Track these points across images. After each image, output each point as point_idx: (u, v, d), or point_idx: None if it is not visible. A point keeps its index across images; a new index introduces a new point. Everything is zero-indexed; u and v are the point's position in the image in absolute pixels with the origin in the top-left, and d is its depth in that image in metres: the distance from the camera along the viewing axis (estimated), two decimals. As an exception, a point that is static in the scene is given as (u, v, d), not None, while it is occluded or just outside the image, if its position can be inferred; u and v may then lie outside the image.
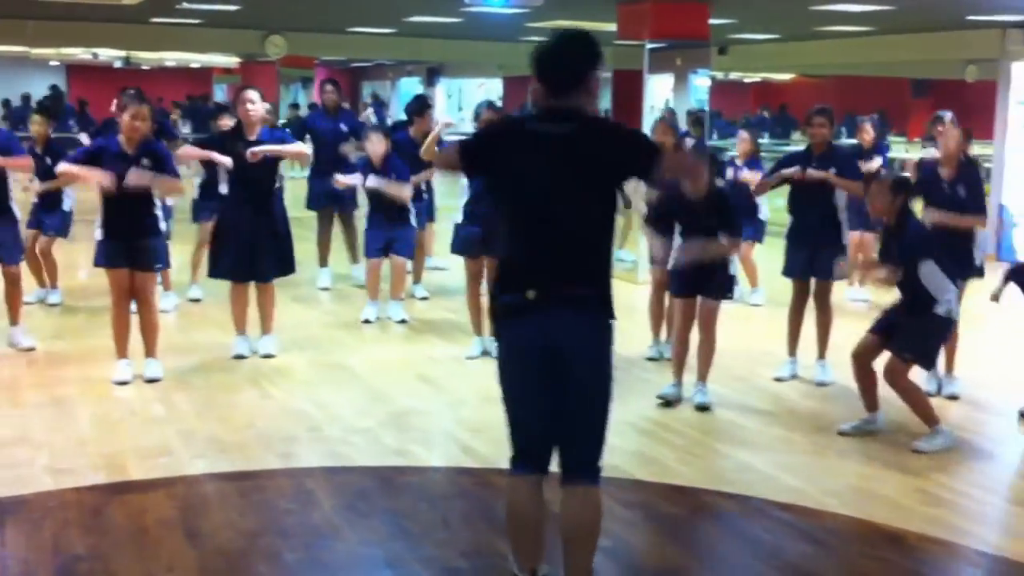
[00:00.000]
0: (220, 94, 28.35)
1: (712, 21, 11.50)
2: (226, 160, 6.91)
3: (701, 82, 11.39)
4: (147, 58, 25.96)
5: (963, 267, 6.25)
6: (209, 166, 7.47)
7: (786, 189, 6.96)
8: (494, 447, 5.58)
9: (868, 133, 9.54)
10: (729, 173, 9.06)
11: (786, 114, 28.55)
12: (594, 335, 3.43)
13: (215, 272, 7.25)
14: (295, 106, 21.11)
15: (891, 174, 6.63)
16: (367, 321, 8.35)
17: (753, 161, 9.25)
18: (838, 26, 14.03)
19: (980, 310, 7.64)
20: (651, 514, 4.85)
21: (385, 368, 7.11)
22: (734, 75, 28.04)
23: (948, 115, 8.94)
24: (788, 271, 6.94)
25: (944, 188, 6.49)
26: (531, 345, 3.41)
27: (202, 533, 4.45)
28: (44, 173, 8.23)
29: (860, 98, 28.06)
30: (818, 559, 4.43)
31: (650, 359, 7.38)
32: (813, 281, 6.85)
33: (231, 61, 23.84)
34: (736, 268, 6.51)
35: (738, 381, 6.94)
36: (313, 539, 4.44)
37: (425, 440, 5.76)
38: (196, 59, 25.91)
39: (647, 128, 9.63)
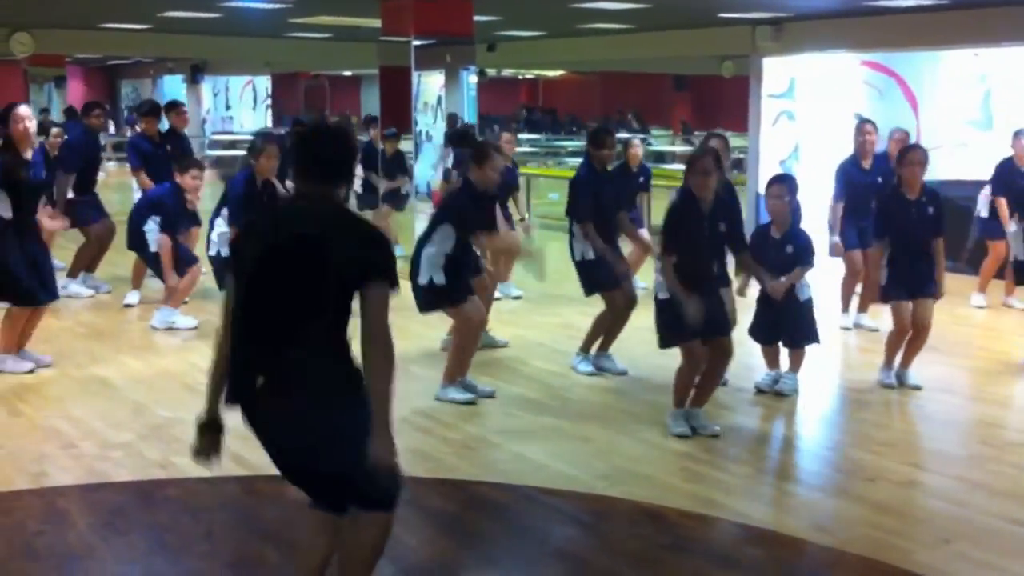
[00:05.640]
0: (-35, 96, 26.53)
1: (477, 18, 11.58)
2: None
3: (473, 79, 11.45)
4: None
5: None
6: None
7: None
8: (263, 453, 5.43)
9: (637, 149, 9.86)
10: None
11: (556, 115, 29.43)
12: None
13: (25, 302, 6.83)
14: (45, 111, 19.96)
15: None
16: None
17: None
18: (600, 23, 14.40)
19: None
20: (424, 510, 4.82)
21: (146, 380, 6.80)
22: (507, 71, 28.53)
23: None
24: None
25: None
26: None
27: (-56, 563, 4.14)
28: None
29: (625, 93, 29.15)
30: (583, 541, 4.53)
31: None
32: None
33: (-25, 60, 22.32)
34: None
35: (512, 373, 7.02)
36: (66, 560, 4.19)
37: (188, 451, 5.51)
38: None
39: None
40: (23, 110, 6.79)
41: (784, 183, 6.55)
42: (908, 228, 6.56)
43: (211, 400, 3.32)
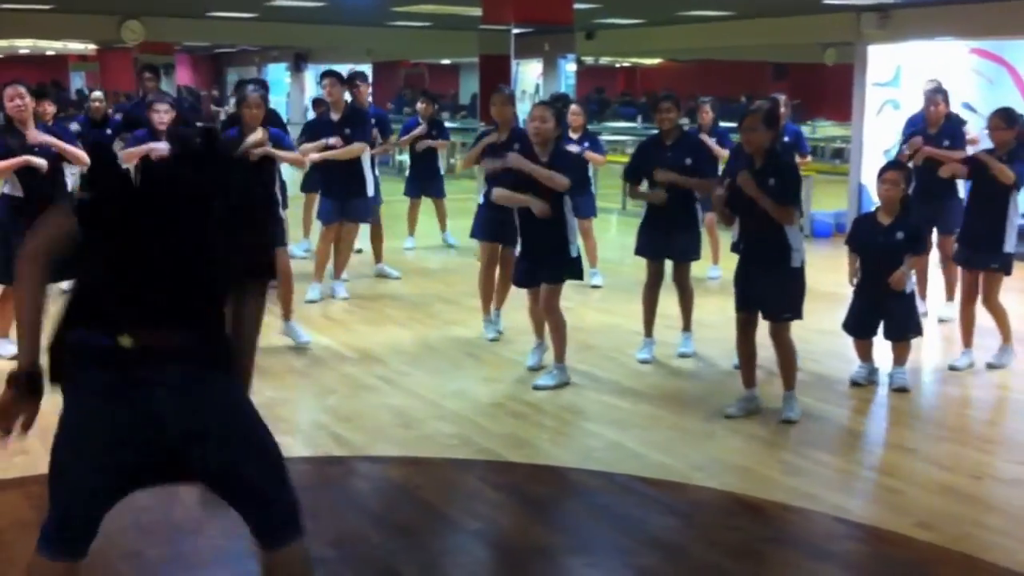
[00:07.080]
0: (79, 82, 27.44)
1: (577, 6, 11.59)
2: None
3: (571, 67, 11.47)
4: (-1, 46, 24.92)
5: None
6: None
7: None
8: (365, 434, 5.56)
9: (707, 114, 9.80)
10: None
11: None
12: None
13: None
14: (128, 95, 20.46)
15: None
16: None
17: (585, 136, 9.22)
18: (700, 11, 14.30)
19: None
20: (520, 495, 4.87)
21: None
22: (605, 60, 28.41)
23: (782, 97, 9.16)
24: (641, 250, 7.03)
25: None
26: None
27: (58, 534, 4.30)
28: None
29: (724, 82, 28.77)
30: (680, 531, 4.52)
31: (494, 339, 7.49)
32: (670, 262, 6.97)
33: (87, 48, 23.06)
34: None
35: (608, 361, 7.02)
36: (174, 535, 4.33)
37: (292, 430, 5.67)
38: (50, 46, 24.98)
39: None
40: (9, 90, 6.56)
41: (901, 170, 6.51)
42: (980, 181, 6.80)
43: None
